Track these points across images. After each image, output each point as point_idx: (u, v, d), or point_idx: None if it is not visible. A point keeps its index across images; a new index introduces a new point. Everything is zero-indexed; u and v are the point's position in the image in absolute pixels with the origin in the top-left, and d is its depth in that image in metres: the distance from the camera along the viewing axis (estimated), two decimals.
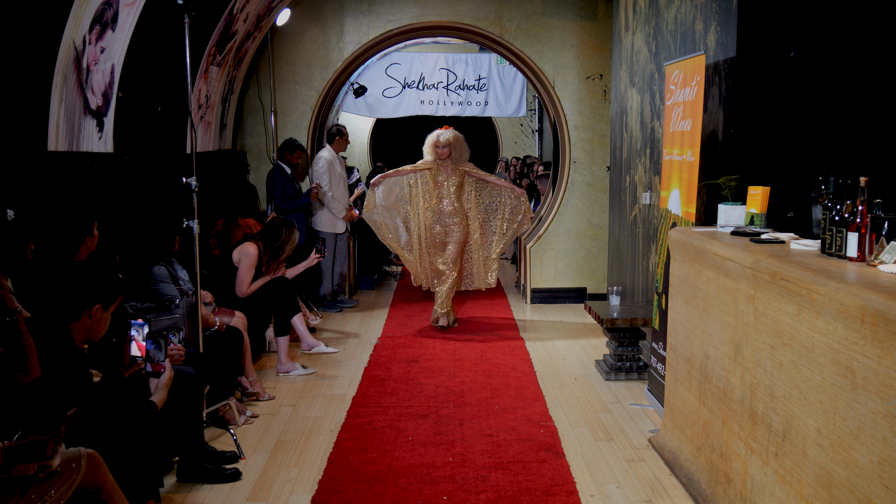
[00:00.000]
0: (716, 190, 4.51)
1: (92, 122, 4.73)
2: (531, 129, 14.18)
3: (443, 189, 7.17)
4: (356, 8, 8.43)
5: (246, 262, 5.66)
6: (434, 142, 7.09)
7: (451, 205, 7.16)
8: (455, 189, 7.16)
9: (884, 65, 4.44)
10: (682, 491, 3.86)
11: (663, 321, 4.76)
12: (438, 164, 7.10)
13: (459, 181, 7.18)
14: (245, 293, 5.68)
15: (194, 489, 3.88)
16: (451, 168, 7.11)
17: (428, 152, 7.15)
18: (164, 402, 3.43)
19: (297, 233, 5.98)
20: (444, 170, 7.15)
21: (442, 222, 7.15)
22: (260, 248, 5.75)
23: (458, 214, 7.15)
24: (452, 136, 7.06)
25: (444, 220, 7.15)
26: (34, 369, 2.86)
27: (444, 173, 7.16)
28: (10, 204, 3.75)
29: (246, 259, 5.66)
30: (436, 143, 7.06)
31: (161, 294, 4.61)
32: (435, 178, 7.16)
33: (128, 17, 4.84)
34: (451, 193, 7.15)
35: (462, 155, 7.12)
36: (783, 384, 2.95)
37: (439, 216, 7.15)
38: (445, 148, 7.04)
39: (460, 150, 7.11)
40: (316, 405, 5.17)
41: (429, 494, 3.81)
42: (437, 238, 7.19)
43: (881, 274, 2.68)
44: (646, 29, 6.29)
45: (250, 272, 5.68)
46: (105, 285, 3.30)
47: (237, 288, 5.65)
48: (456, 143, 7.05)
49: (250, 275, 5.69)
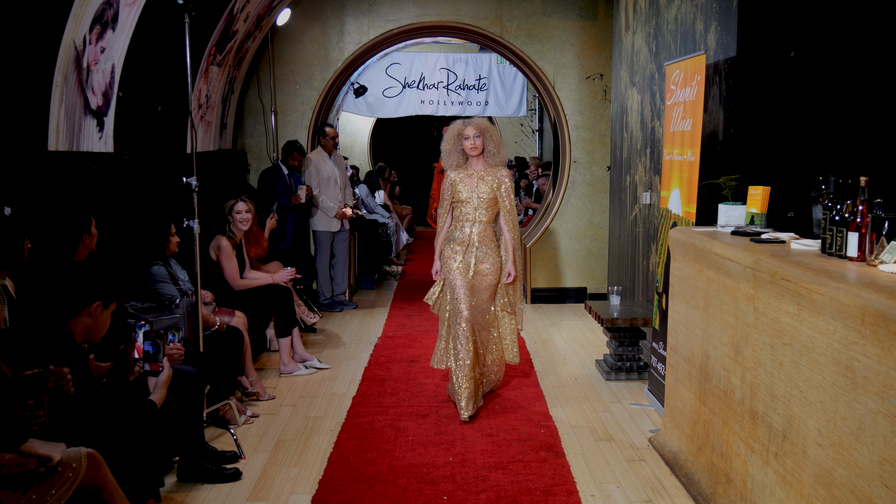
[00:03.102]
0: (716, 190, 4.51)
1: (92, 121, 4.73)
2: (531, 129, 14.18)
3: (467, 206, 4.99)
4: (356, 8, 8.43)
5: (224, 254, 5.61)
6: (459, 131, 4.99)
7: (481, 228, 4.99)
8: (486, 204, 4.97)
9: (884, 64, 4.44)
10: (682, 491, 3.86)
11: (664, 321, 4.76)
12: (462, 172, 5.00)
13: (492, 194, 4.97)
14: (240, 285, 5.65)
15: (195, 489, 3.88)
16: (483, 170, 4.99)
17: (450, 151, 5.04)
18: (163, 401, 3.43)
19: (236, 200, 5.77)
20: (470, 180, 4.98)
21: (464, 257, 4.98)
22: (228, 236, 5.69)
23: (490, 245, 5.02)
24: (484, 122, 5.03)
25: (467, 255, 4.98)
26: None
27: (469, 182, 4.97)
28: (10, 204, 3.75)
29: (222, 251, 5.61)
30: (461, 133, 4.97)
31: (161, 294, 4.61)
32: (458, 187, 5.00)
33: (128, 17, 4.84)
34: (479, 211, 4.97)
35: (499, 151, 5.02)
36: (783, 384, 2.95)
37: (465, 249, 4.98)
38: (478, 138, 4.93)
39: (497, 144, 5.02)
40: (316, 405, 5.17)
41: (429, 494, 3.81)
42: (455, 282, 4.93)
43: (881, 274, 2.68)
44: (646, 29, 6.29)
45: (231, 261, 5.63)
46: (105, 282, 3.31)
47: (230, 282, 5.63)
48: (489, 131, 5.00)
49: (233, 263, 5.64)
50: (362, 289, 9.31)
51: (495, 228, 5.11)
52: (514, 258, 5.05)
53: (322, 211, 7.92)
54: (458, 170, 5.02)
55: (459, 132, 4.98)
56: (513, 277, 5.06)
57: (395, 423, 4.77)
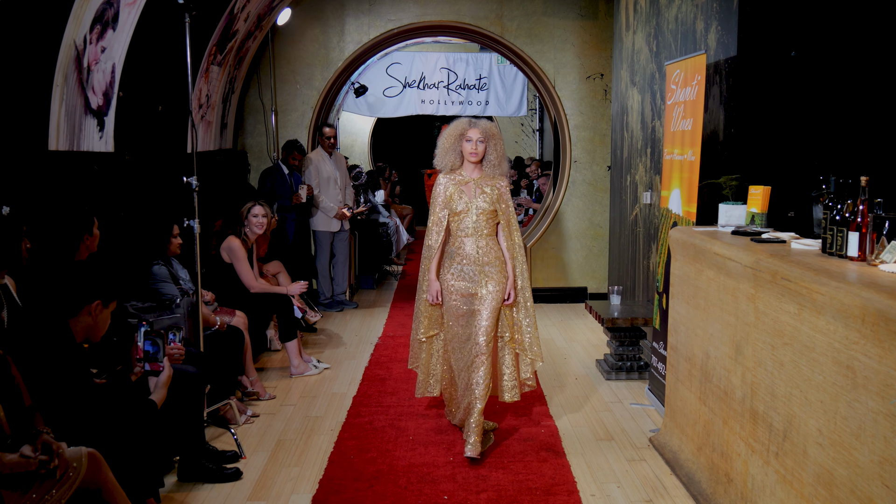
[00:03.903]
0: (716, 189, 4.51)
1: (93, 121, 4.74)
2: (532, 129, 14.18)
3: (465, 219, 4.41)
4: (357, 7, 8.43)
5: (236, 256, 5.66)
6: (462, 131, 4.41)
7: (483, 242, 4.42)
8: (487, 215, 4.40)
9: (884, 64, 4.44)
10: (682, 490, 3.86)
11: (664, 321, 4.76)
12: (457, 177, 4.43)
13: (492, 206, 4.39)
14: (256, 288, 5.71)
15: (195, 488, 3.88)
16: (480, 178, 4.41)
17: (447, 150, 4.45)
18: (163, 401, 3.43)
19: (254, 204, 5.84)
20: (467, 188, 4.41)
21: (465, 276, 4.40)
22: (241, 238, 5.75)
23: (492, 262, 4.42)
24: (492, 129, 4.46)
25: (468, 273, 4.40)
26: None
27: (466, 191, 4.41)
28: (11, 204, 3.75)
29: (234, 254, 5.66)
30: (464, 134, 4.39)
31: (162, 294, 4.62)
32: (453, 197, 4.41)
33: (128, 17, 4.84)
34: (479, 223, 4.40)
35: (500, 163, 4.43)
36: (784, 384, 2.95)
37: (461, 266, 4.42)
38: (481, 143, 4.37)
39: (500, 156, 4.43)
40: (317, 405, 5.17)
41: (429, 494, 3.81)
42: (456, 304, 4.41)
43: (882, 273, 2.68)
44: (646, 28, 6.28)
45: (245, 263, 5.69)
46: (105, 281, 3.31)
47: (246, 284, 5.69)
48: (495, 139, 4.43)
49: (247, 265, 5.69)
50: (363, 288, 9.31)
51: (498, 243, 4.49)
52: (514, 278, 4.45)
53: (322, 211, 7.93)
54: (452, 175, 4.41)
55: (462, 132, 4.40)
56: (513, 299, 4.46)
57: (395, 423, 4.77)
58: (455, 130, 4.41)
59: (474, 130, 4.36)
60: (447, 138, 4.43)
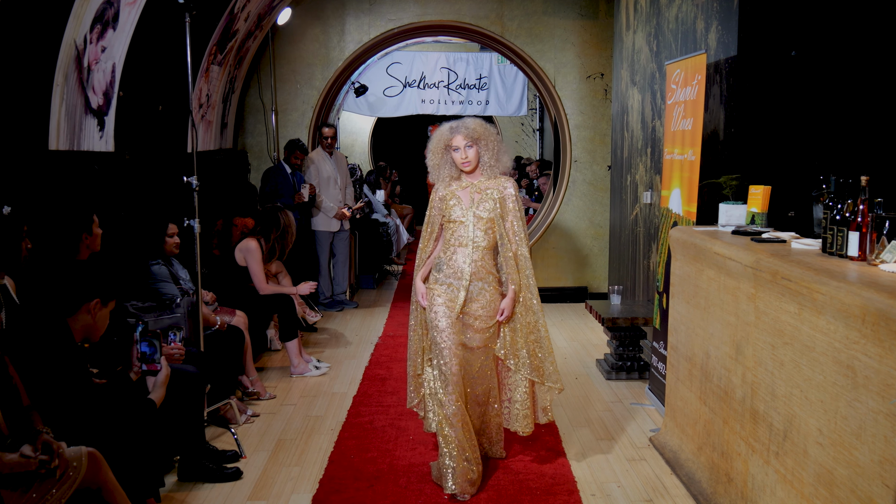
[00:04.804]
0: (717, 189, 4.51)
1: (93, 121, 4.74)
2: (532, 129, 14.17)
3: (460, 228, 3.90)
4: (357, 7, 8.43)
5: (253, 258, 5.74)
6: (445, 142, 3.92)
7: (478, 255, 3.91)
8: (486, 224, 3.90)
9: (884, 64, 4.44)
10: (682, 490, 3.86)
11: (664, 320, 4.76)
12: (455, 184, 3.96)
13: (493, 213, 3.91)
14: (266, 289, 5.79)
15: (195, 488, 3.88)
16: (482, 181, 3.95)
17: (438, 165, 3.98)
18: (162, 400, 3.43)
19: (290, 214, 6.05)
20: (465, 194, 3.94)
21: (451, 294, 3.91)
22: (261, 242, 5.81)
23: (487, 279, 3.95)
24: (477, 127, 3.91)
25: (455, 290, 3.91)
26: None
27: (464, 197, 3.93)
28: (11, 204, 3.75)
29: (251, 255, 5.74)
30: (448, 145, 3.91)
31: (162, 293, 4.62)
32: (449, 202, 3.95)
33: (129, 17, 4.84)
34: (477, 233, 3.89)
35: (499, 159, 3.95)
36: (784, 383, 2.95)
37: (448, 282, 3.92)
38: (470, 149, 3.88)
39: (495, 151, 3.94)
40: (317, 404, 5.17)
41: (430, 493, 3.81)
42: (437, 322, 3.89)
43: (882, 273, 2.68)
44: (647, 28, 6.28)
45: (261, 265, 5.77)
46: (103, 280, 3.31)
47: (257, 286, 5.75)
48: (483, 137, 3.90)
49: (262, 267, 5.77)
50: (363, 288, 9.31)
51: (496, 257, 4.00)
52: (514, 297, 3.98)
53: (322, 211, 7.94)
54: (450, 181, 3.97)
55: (447, 143, 3.89)
56: (505, 316, 3.96)
57: (395, 423, 4.77)
58: (439, 143, 3.93)
59: (458, 137, 3.86)
60: (434, 153, 3.96)
